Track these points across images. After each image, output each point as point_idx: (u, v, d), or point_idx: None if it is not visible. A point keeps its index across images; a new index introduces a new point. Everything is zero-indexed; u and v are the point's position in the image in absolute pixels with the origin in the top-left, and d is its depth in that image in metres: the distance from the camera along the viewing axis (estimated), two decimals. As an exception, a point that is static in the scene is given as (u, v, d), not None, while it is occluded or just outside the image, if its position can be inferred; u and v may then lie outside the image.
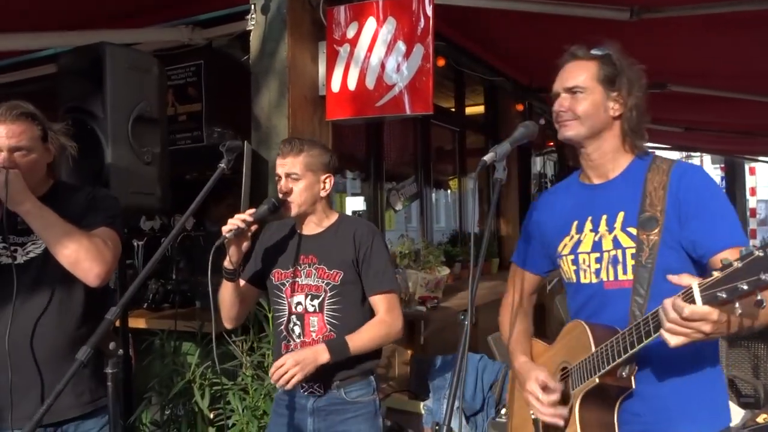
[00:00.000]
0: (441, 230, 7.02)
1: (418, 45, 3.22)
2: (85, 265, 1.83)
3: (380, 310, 2.13)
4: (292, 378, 1.97)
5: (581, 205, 1.73)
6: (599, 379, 1.50)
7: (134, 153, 2.81)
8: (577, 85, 1.65)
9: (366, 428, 2.14)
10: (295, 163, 2.12)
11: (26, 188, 1.84)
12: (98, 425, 2.01)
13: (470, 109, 6.64)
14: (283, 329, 2.17)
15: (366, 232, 2.16)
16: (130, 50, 2.98)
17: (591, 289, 1.65)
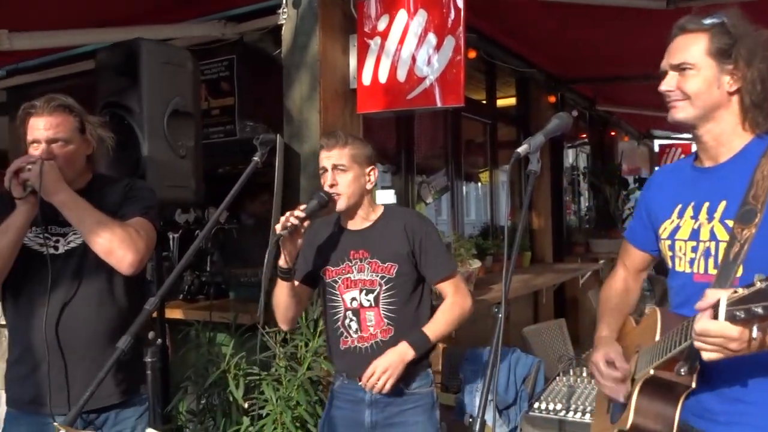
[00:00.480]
0: (471, 223, 6.99)
1: (449, 37, 3.21)
2: (118, 253, 1.86)
3: (448, 293, 2.16)
4: (386, 383, 2.01)
5: (687, 188, 1.61)
6: (654, 371, 1.47)
7: (169, 147, 2.86)
8: (685, 62, 1.50)
9: (423, 420, 2.14)
10: (342, 155, 2.12)
11: (61, 179, 1.87)
12: (137, 413, 2.05)
13: (502, 101, 6.59)
14: (339, 326, 2.16)
15: (417, 222, 2.17)
16: (165, 46, 3.03)
17: (683, 279, 1.57)
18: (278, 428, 2.88)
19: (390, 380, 2.01)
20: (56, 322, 1.94)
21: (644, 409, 1.51)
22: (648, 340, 1.56)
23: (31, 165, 1.84)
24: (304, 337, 3.05)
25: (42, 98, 1.97)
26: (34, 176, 1.82)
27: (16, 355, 2.02)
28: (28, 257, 1.94)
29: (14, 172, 1.84)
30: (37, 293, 1.92)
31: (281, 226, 1.98)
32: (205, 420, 3.20)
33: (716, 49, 1.48)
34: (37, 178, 1.82)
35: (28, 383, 1.96)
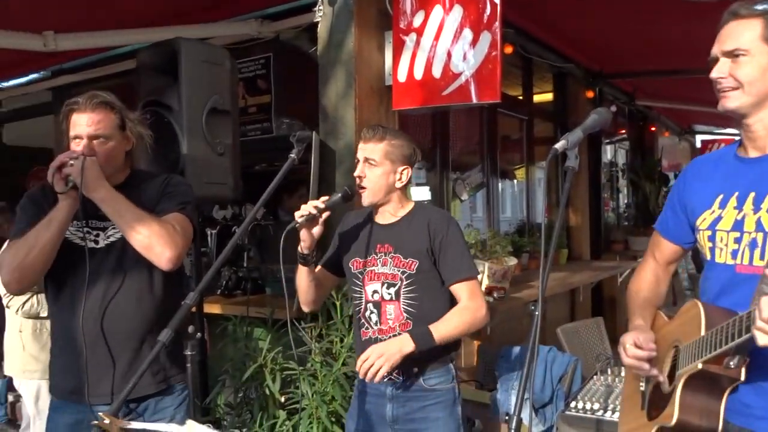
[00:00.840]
0: (507, 220, 6.93)
1: (485, 32, 3.18)
2: (156, 249, 1.89)
3: (462, 297, 2.11)
4: (378, 370, 1.98)
5: (730, 178, 1.57)
6: (702, 365, 1.43)
7: (208, 144, 2.91)
8: (738, 48, 1.46)
9: (445, 416, 2.14)
10: (375, 150, 2.14)
11: (101, 175, 1.91)
12: (175, 403, 2.09)
13: (538, 96, 6.51)
14: (361, 317, 2.20)
15: (440, 221, 2.15)
16: (203, 45, 3.08)
17: (723, 270, 1.53)
18: (314, 423, 2.91)
19: (383, 368, 1.98)
20: (97, 314, 1.98)
21: (689, 405, 1.48)
22: (689, 335, 1.51)
23: (74, 161, 1.87)
24: (339, 333, 3.07)
25: (84, 95, 2.01)
26: (75, 172, 1.86)
27: (59, 346, 2.08)
28: (69, 251, 1.98)
29: (57, 167, 1.87)
30: (78, 286, 1.97)
31: (299, 213, 2.03)
32: (242, 413, 3.25)
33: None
34: (78, 174, 1.85)
35: (71, 373, 2.01)
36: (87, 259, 1.95)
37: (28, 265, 1.92)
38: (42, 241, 1.90)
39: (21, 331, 3.37)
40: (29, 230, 1.93)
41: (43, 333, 3.37)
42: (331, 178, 3.34)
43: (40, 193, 2.07)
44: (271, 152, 4.39)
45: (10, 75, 5.65)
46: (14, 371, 3.43)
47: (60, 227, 1.92)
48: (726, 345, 1.35)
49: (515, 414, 1.37)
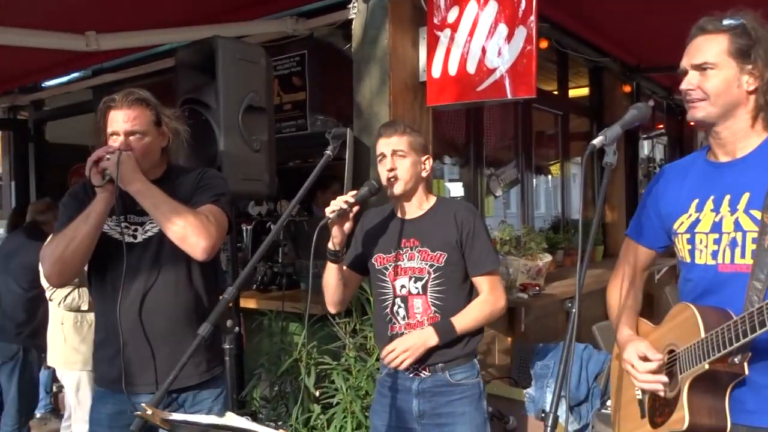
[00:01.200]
0: (541, 216, 6.87)
1: (520, 27, 3.15)
2: (191, 240, 1.91)
3: (483, 290, 2.17)
4: (403, 362, 2.06)
5: (704, 183, 1.63)
6: (709, 365, 1.45)
7: (244, 141, 2.95)
8: (706, 61, 1.54)
9: (471, 410, 2.15)
10: (401, 141, 2.17)
11: (137, 169, 1.95)
12: (213, 395, 2.14)
13: (574, 91, 6.43)
14: (387, 312, 2.21)
15: (467, 213, 2.19)
16: (240, 43, 3.12)
17: (704, 271, 1.58)
18: (348, 417, 2.94)
19: (408, 360, 2.06)
20: (136, 307, 2.03)
21: (697, 406, 1.50)
22: (686, 338, 1.53)
23: (110, 155, 1.91)
24: (373, 329, 3.08)
25: (121, 92, 2.05)
26: (112, 166, 1.90)
27: (102, 338, 2.14)
28: (109, 245, 2.03)
29: (94, 161, 1.92)
30: (117, 280, 2.01)
31: (330, 209, 2.04)
32: (277, 407, 3.29)
33: (736, 50, 1.52)
34: (114, 168, 1.90)
35: (113, 364, 2.06)
36: (125, 253, 1.99)
37: (68, 258, 1.97)
38: (80, 233, 1.95)
39: (62, 324, 3.46)
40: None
41: (84, 326, 3.46)
42: (365, 175, 3.35)
43: (82, 190, 2.13)
44: (306, 149, 4.43)
45: (52, 75, 5.80)
46: (56, 363, 3.54)
47: (97, 220, 1.96)
48: (739, 342, 1.36)
49: (551, 411, 1.37)
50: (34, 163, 6.47)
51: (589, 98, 6.61)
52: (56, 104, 6.40)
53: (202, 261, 1.98)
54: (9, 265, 3.78)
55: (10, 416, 3.73)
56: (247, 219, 4.63)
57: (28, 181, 6.44)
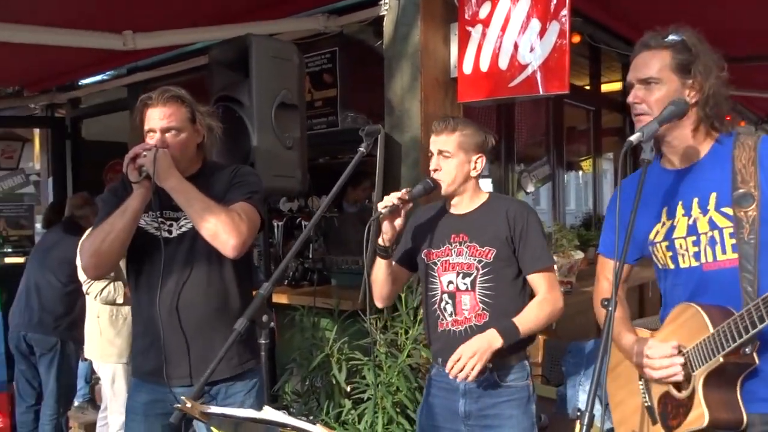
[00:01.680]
0: (571, 213, 6.80)
1: (553, 22, 3.11)
2: (222, 237, 1.95)
3: (541, 289, 2.08)
4: (473, 369, 1.96)
5: (668, 190, 1.69)
6: (723, 359, 1.48)
7: (277, 138, 2.98)
8: (650, 76, 1.63)
9: (518, 414, 2.09)
10: (448, 141, 2.14)
11: (172, 166, 1.99)
12: (246, 388, 2.18)
13: (606, 86, 6.34)
14: (436, 308, 2.17)
15: (520, 210, 2.13)
16: (273, 40, 3.15)
17: (691, 273, 1.64)
18: (379, 412, 2.95)
19: (477, 366, 1.96)
20: (171, 301, 2.08)
21: (714, 401, 1.52)
22: (693, 336, 1.55)
23: (147, 152, 1.96)
24: (404, 325, 3.09)
25: (156, 90, 2.09)
26: (148, 162, 1.95)
27: (139, 330, 2.20)
28: (146, 240, 2.08)
29: (131, 158, 1.97)
30: (153, 274, 2.06)
31: (383, 204, 2.04)
32: (309, 401, 3.32)
33: (677, 65, 1.62)
34: (151, 164, 1.94)
35: (148, 356, 2.12)
36: (163, 248, 2.04)
37: (104, 251, 2.02)
38: (117, 228, 2.00)
39: (98, 317, 3.54)
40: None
41: (119, 319, 3.53)
42: (396, 172, 3.35)
43: (121, 186, 2.18)
44: (336, 145, 4.45)
45: (88, 73, 5.93)
46: (93, 355, 3.62)
47: (134, 215, 2.01)
48: (755, 328, 1.40)
49: (587, 410, 1.36)
50: (71, 160, 6.61)
51: (622, 93, 6.51)
52: (92, 102, 6.53)
53: (232, 258, 2.01)
54: (47, 259, 3.88)
55: (49, 406, 3.83)
56: (278, 215, 4.68)
57: (65, 177, 6.59)
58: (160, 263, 2.04)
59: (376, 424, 2.93)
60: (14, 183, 6.64)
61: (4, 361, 4.49)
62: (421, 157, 3.27)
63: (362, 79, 4.27)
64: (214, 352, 1.98)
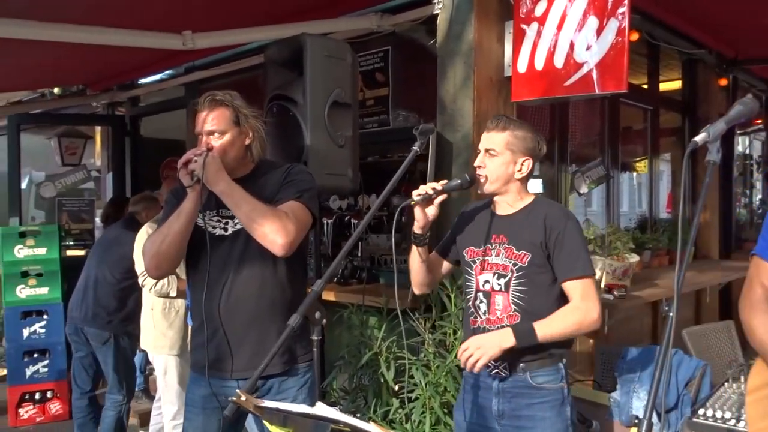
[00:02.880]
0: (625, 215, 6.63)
1: (611, 19, 3.04)
2: (270, 237, 1.99)
3: (574, 297, 2.05)
4: (477, 361, 1.99)
5: None
6: None
7: (330, 137, 3.00)
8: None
9: (552, 416, 2.08)
10: (496, 139, 2.13)
11: (221, 169, 2.05)
12: (298, 384, 2.21)
13: (665, 85, 6.16)
14: (470, 305, 2.20)
15: (558, 216, 2.11)
16: (327, 40, 3.17)
17: None
18: (427, 412, 2.94)
19: (481, 360, 1.98)
20: (226, 297, 2.13)
21: None
22: None
23: (198, 157, 2.03)
24: (452, 325, 3.07)
25: (204, 95, 2.17)
26: (198, 167, 2.02)
27: (196, 325, 2.27)
28: (203, 238, 2.14)
29: (183, 163, 2.04)
30: (209, 270, 2.12)
31: (416, 192, 2.07)
32: (356, 398, 3.33)
33: None
34: (201, 169, 2.02)
35: (205, 350, 2.17)
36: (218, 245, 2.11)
37: (163, 252, 2.11)
38: (173, 230, 2.09)
39: (152, 309, 3.63)
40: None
41: (171, 312, 3.61)
42: (448, 170, 3.33)
43: (181, 188, 2.24)
44: (388, 144, 4.45)
45: (148, 72, 6.09)
46: (148, 346, 3.71)
47: (187, 218, 2.08)
48: None
49: (645, 417, 1.33)
50: (130, 156, 6.82)
51: (681, 92, 6.32)
52: (151, 100, 6.71)
53: (282, 256, 2.05)
54: (107, 255, 4.00)
55: (111, 394, 3.96)
56: (328, 213, 4.71)
57: (125, 173, 6.80)
58: (216, 261, 2.11)
59: (423, 423, 2.93)
60: (77, 179, 6.87)
61: (64, 350, 4.69)
62: (473, 156, 3.24)
63: (414, 78, 4.26)
64: (268, 346, 2.03)
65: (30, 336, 4.80)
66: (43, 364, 4.85)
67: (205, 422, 2.20)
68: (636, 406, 2.80)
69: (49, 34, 3.32)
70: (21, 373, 4.79)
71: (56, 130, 7.01)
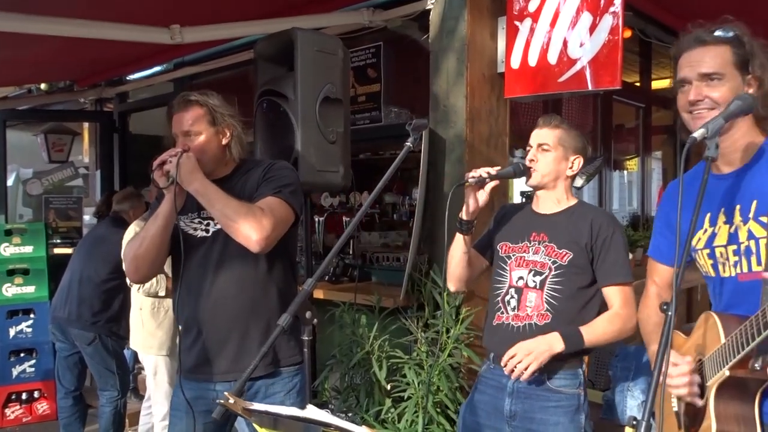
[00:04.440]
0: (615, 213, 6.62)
1: (605, 16, 3.02)
2: (244, 233, 1.96)
3: (615, 303, 2.04)
4: (527, 368, 1.94)
5: (712, 196, 1.62)
6: (729, 371, 1.43)
7: (321, 133, 2.96)
8: (715, 71, 1.54)
9: (566, 422, 2.04)
10: (549, 135, 2.13)
11: (196, 169, 2.02)
12: (285, 388, 2.17)
13: (657, 83, 6.15)
14: (499, 301, 2.15)
15: (607, 221, 2.10)
16: (318, 35, 3.12)
17: (730, 283, 1.60)
18: (419, 412, 2.91)
19: (531, 366, 1.93)
20: (207, 298, 2.11)
21: (724, 414, 1.49)
22: (710, 345, 1.53)
23: (172, 158, 2.00)
24: (445, 324, 3.04)
25: (178, 96, 2.16)
26: (172, 168, 1.99)
27: (183, 328, 2.22)
28: (184, 240, 2.11)
29: (158, 164, 2.02)
30: (192, 272, 2.11)
31: (471, 174, 2.05)
32: (348, 398, 3.30)
33: (739, 61, 1.55)
34: (174, 169, 1.98)
35: (191, 353, 2.15)
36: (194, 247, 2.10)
37: (141, 256, 2.09)
38: (150, 233, 2.07)
39: (141, 309, 3.58)
40: None
41: (160, 312, 3.57)
42: (440, 167, 3.30)
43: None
44: (379, 140, 4.41)
45: (136, 68, 6.02)
46: (137, 346, 3.67)
47: (165, 220, 2.06)
48: (747, 346, 1.36)
49: (643, 419, 1.30)
50: (118, 153, 6.74)
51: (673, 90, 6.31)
52: (139, 96, 6.64)
53: (258, 253, 2.01)
54: (93, 252, 3.94)
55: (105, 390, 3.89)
56: (318, 210, 4.67)
57: (113, 170, 6.72)
58: (198, 262, 2.10)
59: (416, 423, 2.90)
60: (64, 176, 6.79)
61: (51, 349, 4.63)
62: (466, 152, 3.22)
63: (406, 74, 4.22)
64: (250, 347, 2.00)
65: (16, 335, 4.75)
66: (30, 364, 4.80)
67: (190, 426, 2.15)
68: (630, 405, 2.79)
69: (35, 28, 3.25)
70: (7, 373, 4.73)
71: (43, 127, 6.92)
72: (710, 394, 1.49)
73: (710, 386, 1.50)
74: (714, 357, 1.49)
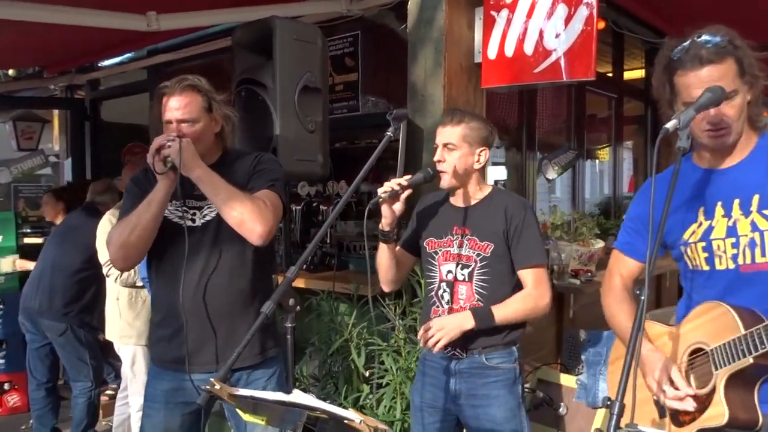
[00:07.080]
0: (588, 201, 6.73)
1: (580, 7, 3.07)
2: (248, 224, 1.96)
3: (528, 284, 2.16)
4: (438, 341, 2.08)
5: (705, 190, 1.68)
6: (754, 360, 1.49)
7: (300, 122, 2.96)
8: (733, 90, 1.57)
9: (505, 393, 2.19)
10: (452, 134, 2.19)
11: (197, 156, 1.99)
12: (266, 375, 2.18)
13: (629, 73, 6.24)
14: (433, 295, 2.26)
15: (518, 206, 2.19)
16: (297, 23, 3.12)
17: (727, 275, 1.64)
18: (398, 398, 2.96)
19: (442, 340, 2.07)
20: (196, 289, 2.08)
21: (733, 401, 1.54)
22: (720, 335, 1.57)
23: (171, 142, 1.96)
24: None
25: (174, 79, 2.09)
26: (174, 153, 1.94)
27: (159, 318, 2.20)
28: (169, 229, 2.09)
29: (156, 149, 1.97)
30: (177, 263, 2.06)
31: (382, 189, 2.09)
32: (327, 385, 3.33)
33: (740, 70, 1.59)
34: (177, 155, 1.94)
35: (171, 344, 2.13)
36: (187, 236, 2.05)
37: (132, 243, 2.04)
38: (143, 219, 2.02)
39: (118, 299, 3.55)
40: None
41: (138, 302, 3.55)
42: (418, 156, 3.33)
43: (143, 176, 2.18)
44: (357, 130, 4.43)
45: (108, 55, 5.92)
46: (113, 336, 3.64)
47: (159, 206, 2.02)
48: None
49: (618, 400, 1.35)
50: (90, 141, 6.64)
51: (645, 80, 6.41)
52: (112, 84, 6.54)
53: (259, 245, 2.01)
54: (66, 242, 3.89)
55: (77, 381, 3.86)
56: (296, 199, 4.67)
57: (84, 158, 6.62)
58: (183, 252, 2.05)
59: (394, 409, 2.94)
60: (33, 164, 6.64)
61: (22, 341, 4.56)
62: (444, 143, 3.24)
63: (384, 63, 4.23)
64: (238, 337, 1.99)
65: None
66: (0, 356, 4.72)
67: (167, 418, 2.14)
68: (603, 388, 2.86)
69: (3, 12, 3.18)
70: (-23, 365, 4.66)
71: (11, 114, 6.77)
72: (720, 381, 1.55)
73: (721, 374, 1.55)
74: (731, 346, 1.54)
